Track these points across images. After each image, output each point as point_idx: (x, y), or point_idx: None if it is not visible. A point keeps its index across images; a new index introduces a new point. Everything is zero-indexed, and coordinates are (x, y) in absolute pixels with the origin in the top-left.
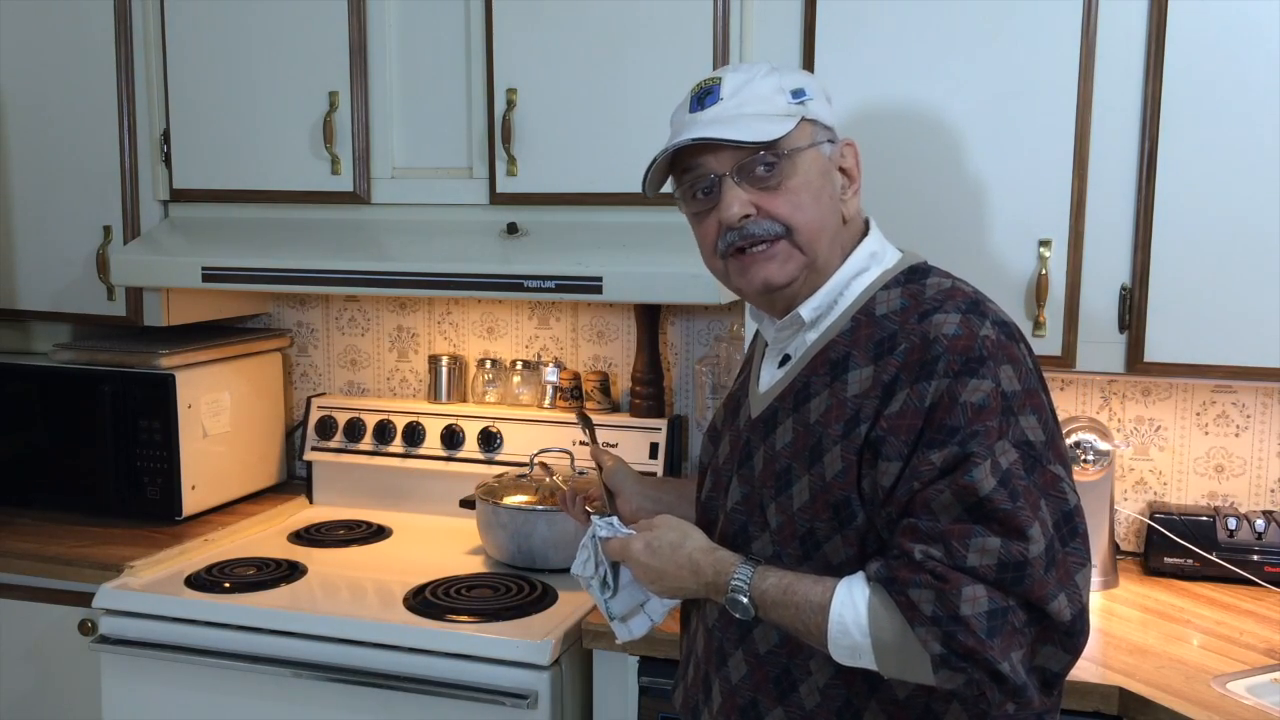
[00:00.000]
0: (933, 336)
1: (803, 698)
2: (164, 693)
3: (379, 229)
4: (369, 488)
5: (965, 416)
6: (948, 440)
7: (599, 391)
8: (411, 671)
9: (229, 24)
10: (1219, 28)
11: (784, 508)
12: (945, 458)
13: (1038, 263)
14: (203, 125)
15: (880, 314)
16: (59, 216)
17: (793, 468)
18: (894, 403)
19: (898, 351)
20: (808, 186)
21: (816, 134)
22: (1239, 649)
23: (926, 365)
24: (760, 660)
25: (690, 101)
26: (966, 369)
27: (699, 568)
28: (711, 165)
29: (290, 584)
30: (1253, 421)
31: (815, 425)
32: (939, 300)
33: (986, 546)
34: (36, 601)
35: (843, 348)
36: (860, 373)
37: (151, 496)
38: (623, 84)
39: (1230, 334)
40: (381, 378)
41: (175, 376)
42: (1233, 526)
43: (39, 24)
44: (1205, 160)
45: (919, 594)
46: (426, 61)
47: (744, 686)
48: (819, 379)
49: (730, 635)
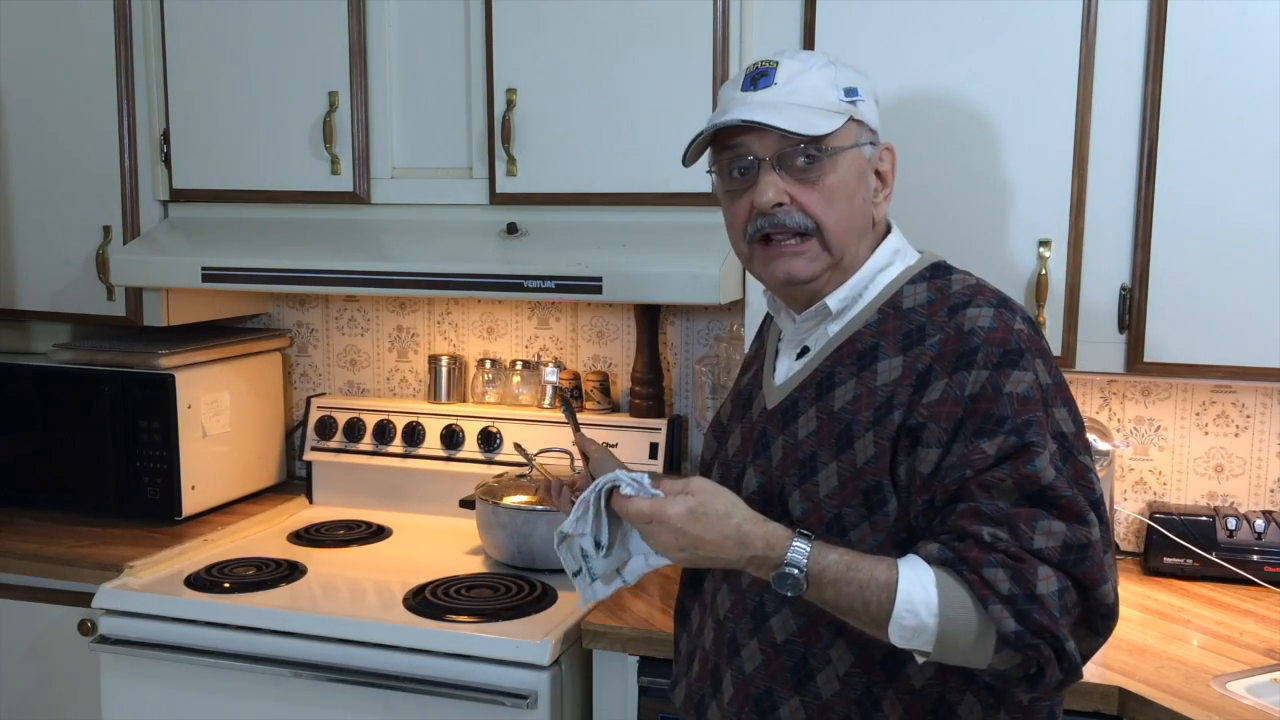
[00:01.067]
0: (968, 329)
1: (820, 686)
2: (164, 693)
3: (379, 229)
4: (369, 488)
5: (1012, 407)
6: (998, 429)
7: (599, 391)
8: (411, 671)
9: (229, 24)
10: (1219, 28)
11: (809, 494)
12: (1001, 447)
13: (1038, 262)
14: (203, 125)
15: (908, 307)
16: (59, 216)
17: (818, 455)
18: (931, 391)
19: (931, 342)
20: (843, 186)
21: (860, 135)
22: (1239, 649)
23: (964, 356)
24: (777, 649)
25: (743, 79)
26: (1006, 361)
27: (748, 539)
28: (754, 148)
29: (290, 584)
30: (1252, 421)
31: (842, 413)
32: (968, 295)
33: (1052, 529)
34: (36, 601)
35: (870, 338)
36: (889, 362)
37: (151, 496)
38: (623, 84)
39: (1230, 334)
40: (381, 378)
41: (175, 376)
42: (1232, 526)
43: (39, 24)
44: (1205, 160)
45: (994, 573)
46: (426, 61)
47: (759, 676)
48: (844, 368)
49: (744, 625)
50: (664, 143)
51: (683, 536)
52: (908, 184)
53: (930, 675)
